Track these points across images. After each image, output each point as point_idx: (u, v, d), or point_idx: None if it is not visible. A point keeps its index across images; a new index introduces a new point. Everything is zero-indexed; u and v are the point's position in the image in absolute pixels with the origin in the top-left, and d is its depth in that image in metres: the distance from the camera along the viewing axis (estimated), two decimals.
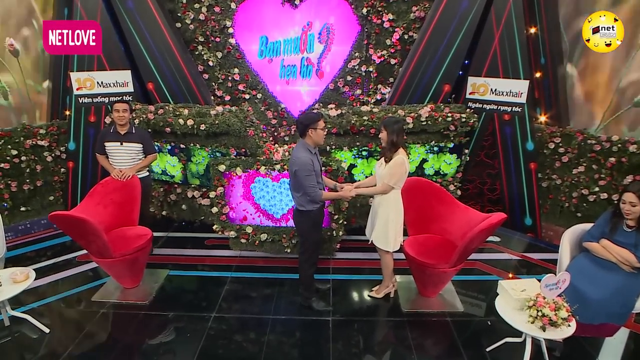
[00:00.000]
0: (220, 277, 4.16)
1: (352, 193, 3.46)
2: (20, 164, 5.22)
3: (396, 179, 3.34)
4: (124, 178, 4.08)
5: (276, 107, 5.78)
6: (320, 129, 3.22)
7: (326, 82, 5.68)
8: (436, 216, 3.90)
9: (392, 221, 3.45)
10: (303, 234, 3.48)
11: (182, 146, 4.81)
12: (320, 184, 3.40)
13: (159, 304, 3.74)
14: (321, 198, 3.28)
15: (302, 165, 3.16)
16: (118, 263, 3.65)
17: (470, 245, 3.32)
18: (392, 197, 3.44)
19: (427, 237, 3.87)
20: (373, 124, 4.57)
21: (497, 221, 3.24)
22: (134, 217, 4.06)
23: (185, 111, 4.63)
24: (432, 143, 4.83)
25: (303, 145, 3.25)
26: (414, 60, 5.05)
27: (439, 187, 3.95)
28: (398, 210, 3.46)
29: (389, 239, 3.49)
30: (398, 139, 3.33)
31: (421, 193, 3.90)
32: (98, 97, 5.25)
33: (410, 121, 4.56)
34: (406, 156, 3.40)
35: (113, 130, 4.18)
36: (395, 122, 3.34)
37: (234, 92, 5.70)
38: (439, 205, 3.90)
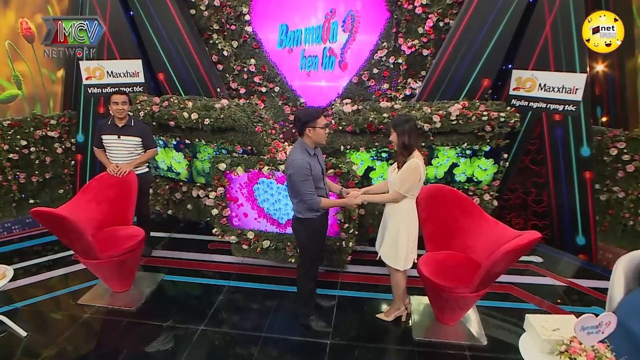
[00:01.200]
0: (217, 285, 4.01)
1: (357, 200, 3.19)
2: (30, 155, 5.33)
3: (408, 186, 3.02)
4: (121, 174, 4.01)
5: (295, 102, 5.58)
6: (320, 128, 2.98)
7: (350, 74, 5.41)
8: (459, 230, 3.54)
9: (404, 235, 3.14)
10: (301, 244, 3.27)
11: (187, 141, 4.71)
12: (323, 190, 3.16)
13: (146, 311, 3.63)
14: (320, 206, 3.04)
15: (297, 168, 2.94)
16: (105, 265, 3.57)
17: (493, 268, 2.94)
18: (404, 206, 3.13)
19: (447, 255, 3.52)
20: None
21: (528, 242, 2.84)
22: (128, 215, 3.98)
23: (190, 104, 4.50)
24: (464, 145, 4.44)
25: (301, 146, 3.02)
26: (449, 50, 4.67)
27: (465, 197, 3.58)
28: (411, 223, 3.15)
29: (398, 255, 3.18)
30: (410, 140, 3.01)
31: (442, 203, 3.55)
32: (108, 88, 5.26)
33: (437, 119, 4.20)
34: (422, 160, 3.08)
35: (111, 122, 4.12)
36: (405, 121, 3.02)
37: (250, 84, 5.55)
38: (463, 217, 3.54)
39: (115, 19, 5.05)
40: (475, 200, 4.63)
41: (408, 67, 5.22)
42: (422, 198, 3.47)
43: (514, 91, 4.79)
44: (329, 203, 3.12)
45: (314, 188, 3.01)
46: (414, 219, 3.17)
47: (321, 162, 3.17)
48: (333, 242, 4.03)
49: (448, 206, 3.57)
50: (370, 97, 5.39)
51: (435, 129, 4.28)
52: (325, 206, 3.08)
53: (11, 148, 5.17)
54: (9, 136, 5.14)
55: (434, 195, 3.54)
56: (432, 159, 4.47)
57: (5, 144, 5.11)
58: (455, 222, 3.57)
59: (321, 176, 3.14)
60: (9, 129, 5.14)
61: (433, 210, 3.54)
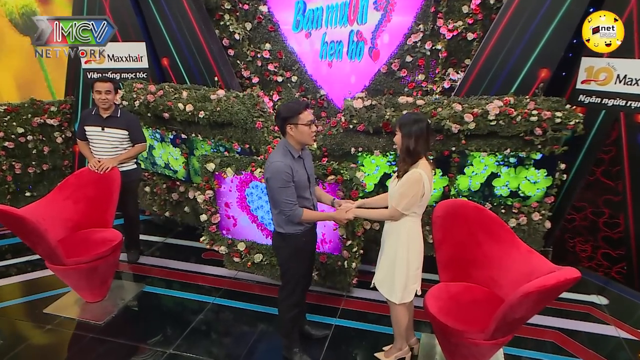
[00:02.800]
0: (200, 301, 3.93)
1: (349, 215, 2.97)
2: (27, 143, 5.52)
3: (407, 202, 2.75)
4: (102, 170, 4.01)
5: (315, 94, 5.38)
6: (303, 124, 2.79)
7: (381, 63, 5.13)
8: (483, 258, 3.21)
9: (402, 261, 2.88)
10: (282, 264, 3.10)
11: (183, 136, 4.65)
12: (308, 200, 2.98)
13: (114, 327, 3.60)
14: (301, 218, 2.85)
15: (274, 173, 2.77)
16: (71, 272, 3.57)
17: (511, 312, 2.59)
18: (404, 227, 2.86)
19: (465, 288, 3.20)
20: None
21: (556, 283, 2.47)
22: (107, 217, 3.97)
23: (185, 94, 4.44)
24: (507, 152, 4.04)
25: (283, 147, 2.86)
26: (497, 33, 4.28)
27: (494, 217, 3.23)
28: (412, 246, 2.88)
29: (395, 286, 2.92)
30: (417, 145, 2.74)
31: (464, 222, 3.23)
32: (108, 73, 5.33)
33: (470, 119, 3.85)
34: (429, 171, 2.79)
35: (95, 112, 4.13)
36: (414, 121, 2.75)
37: (264, 73, 5.42)
38: (489, 242, 3.20)
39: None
40: (521, 220, 4.23)
41: (448, 55, 4.86)
42: (439, 216, 3.21)
43: (583, 84, 4.29)
44: (312, 216, 2.93)
45: (295, 197, 2.84)
46: (416, 242, 2.89)
47: (308, 167, 2.99)
48: (334, 261, 3.81)
49: (471, 227, 3.25)
50: (402, 89, 5.08)
51: (468, 131, 3.92)
52: (308, 219, 2.90)
53: (7, 136, 5.37)
54: (5, 122, 5.34)
55: (453, 213, 3.24)
56: (464, 168, 4.13)
57: (1, 130, 5.31)
58: (479, 248, 3.24)
59: (307, 184, 2.95)
60: (5, 114, 5.34)
61: (451, 231, 3.24)
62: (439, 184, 4.19)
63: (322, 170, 3.56)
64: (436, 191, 4.23)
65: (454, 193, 4.22)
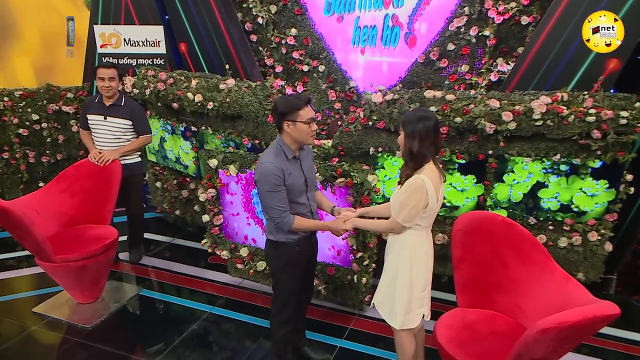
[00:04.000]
0: (197, 310, 3.95)
1: (347, 225, 2.88)
2: (41, 131, 5.76)
3: (407, 212, 2.60)
4: (102, 162, 4.09)
5: (343, 86, 5.27)
6: (302, 122, 2.71)
7: (419, 52, 4.94)
8: (509, 282, 3.02)
9: (404, 281, 2.73)
10: (274, 275, 3.05)
11: (193, 129, 4.68)
12: (304, 206, 2.90)
13: (101, 332, 3.66)
14: (291, 227, 2.79)
15: (262, 175, 2.71)
16: (60, 270, 3.66)
17: (527, 351, 2.38)
18: (407, 241, 2.72)
19: (485, 316, 3.00)
20: (446, 120, 3.75)
21: (583, 320, 2.24)
22: (105, 213, 4.05)
23: (194, 82, 4.45)
24: (557, 158, 3.77)
25: (277, 146, 2.80)
26: (556, 16, 3.97)
27: (526, 234, 3.02)
28: (416, 264, 2.73)
29: (395, 309, 2.78)
30: (422, 148, 2.58)
31: (489, 239, 3.04)
32: (124, 58, 5.46)
33: (509, 118, 3.61)
34: (436, 177, 2.63)
35: (98, 100, 4.22)
36: (419, 119, 2.60)
37: (289, 61, 5.36)
38: (517, 264, 3.00)
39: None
40: (574, 239, 3.93)
41: (498, 42, 4.58)
42: (459, 229, 3.06)
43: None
44: (305, 224, 2.84)
45: (285, 203, 2.77)
46: (420, 259, 2.74)
47: (307, 170, 2.90)
48: (343, 274, 3.70)
49: (496, 245, 3.05)
50: (441, 82, 4.87)
51: (507, 132, 3.68)
52: (299, 228, 2.83)
53: (21, 122, 5.63)
54: (20, 109, 5.59)
55: (476, 227, 3.06)
56: (503, 174, 3.89)
57: (16, 117, 5.57)
58: (505, 270, 3.04)
59: (303, 188, 2.88)
60: (20, 100, 5.59)
61: (473, 249, 3.06)
62: (472, 192, 3.98)
63: (331, 172, 3.46)
64: (469, 201, 4.02)
65: (491, 204, 3.99)
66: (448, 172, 4.00)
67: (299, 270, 2.98)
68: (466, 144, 3.84)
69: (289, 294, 2.99)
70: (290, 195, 2.79)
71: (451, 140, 3.87)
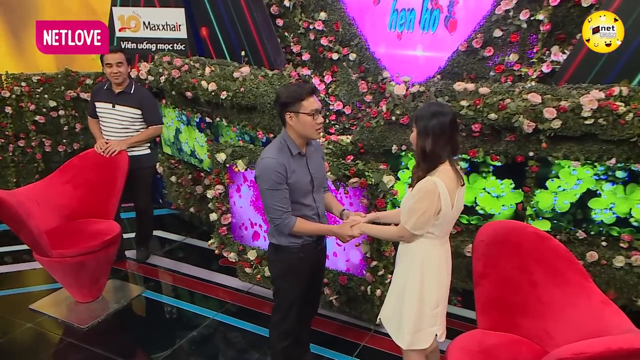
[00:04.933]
0: (200, 315, 3.98)
1: (354, 231, 2.82)
2: (59, 119, 5.97)
3: (416, 219, 2.52)
4: (109, 153, 4.18)
5: (376, 76, 5.19)
6: (305, 114, 2.69)
7: (461, 38, 4.80)
8: (537, 304, 2.88)
9: (413, 296, 2.66)
10: (274, 282, 3.06)
11: (208, 120, 4.72)
12: (309, 208, 2.87)
13: (95, 334, 3.75)
14: (292, 229, 2.76)
15: (263, 171, 2.72)
16: (56, 266, 3.77)
17: None
18: (417, 251, 2.64)
19: (507, 340, 2.88)
20: (479, 116, 3.61)
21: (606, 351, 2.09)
22: (109, 207, 4.15)
23: (207, 70, 4.48)
24: (612, 163, 3.57)
25: (279, 141, 2.80)
26: None
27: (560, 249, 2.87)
28: (427, 278, 2.65)
29: (402, 326, 2.71)
30: (435, 146, 2.50)
31: (516, 253, 2.92)
32: (143, 43, 5.58)
33: (552, 115, 3.43)
34: (451, 181, 2.54)
35: (107, 87, 4.32)
36: (433, 114, 2.51)
37: (318, 48, 5.32)
38: (548, 283, 2.86)
39: None
40: (633, 259, 3.70)
41: (553, 28, 4.38)
42: (482, 240, 2.95)
43: None
44: (308, 228, 2.82)
45: (287, 203, 2.76)
46: (432, 272, 2.65)
47: (314, 167, 2.87)
48: (356, 284, 3.63)
49: (525, 260, 2.92)
50: (486, 73, 4.70)
51: (551, 131, 3.51)
52: (301, 231, 2.80)
53: (38, 109, 5.85)
54: (37, 94, 5.79)
55: (503, 239, 2.94)
56: (546, 180, 3.72)
57: (33, 103, 5.79)
58: (533, 290, 2.90)
59: (309, 188, 2.85)
60: (37, 85, 5.81)
61: (497, 263, 2.94)
62: (509, 199, 3.82)
63: (344, 171, 3.40)
64: (505, 209, 3.87)
65: (531, 213, 3.82)
66: (481, 176, 3.87)
67: (302, 278, 2.95)
68: (503, 144, 3.70)
69: (290, 303, 2.97)
70: (294, 195, 2.77)
71: (485, 139, 3.73)
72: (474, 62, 4.74)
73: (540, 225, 3.79)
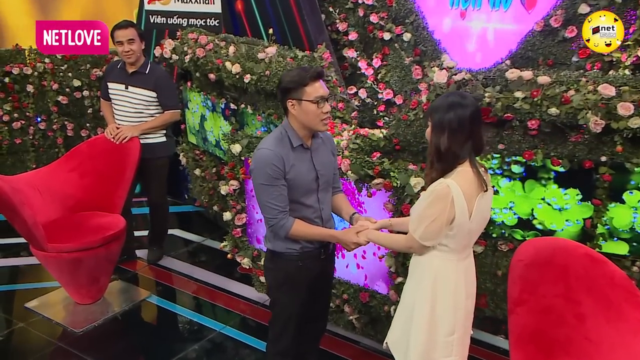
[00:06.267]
0: (205, 328, 4.09)
1: (360, 238, 2.81)
2: (83, 100, 6.29)
3: (425, 226, 2.48)
4: (119, 139, 4.35)
5: (433, 59, 5.09)
6: (309, 101, 2.71)
7: (538, 16, 4.67)
8: (583, 341, 2.81)
9: (422, 318, 2.61)
10: (270, 293, 3.14)
11: (233, 106, 4.81)
12: (311, 209, 2.88)
13: (89, 340, 3.91)
14: (288, 232, 2.79)
15: (257, 164, 2.77)
16: (52, 261, 3.96)
17: None
18: (429, 266, 2.60)
19: None
20: (537, 111, 3.48)
21: None
22: (115, 199, 4.32)
23: (231, 49, 4.56)
24: None
25: (280, 131, 2.84)
26: None
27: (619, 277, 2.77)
28: (441, 298, 2.60)
29: (409, 352, 2.68)
30: (452, 144, 2.44)
31: (561, 278, 2.86)
32: (174, 17, 5.76)
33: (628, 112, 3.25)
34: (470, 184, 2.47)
35: (121, 66, 4.50)
36: (450, 105, 2.46)
37: (367, 26, 5.30)
38: (599, 317, 2.78)
39: None
40: None
41: None
42: (521, 260, 2.91)
43: None
44: (305, 231, 2.83)
45: (284, 201, 2.78)
46: (448, 292, 2.59)
47: (320, 163, 2.88)
48: (379, 303, 3.61)
49: (572, 287, 2.86)
50: (567, 58, 4.56)
51: (628, 131, 3.32)
52: (299, 234, 2.81)
53: (61, 89, 6.19)
54: (61, 72, 6.12)
55: (546, 260, 2.88)
56: (622, 192, 3.54)
57: (56, 82, 6.13)
58: (580, 324, 2.83)
59: (313, 186, 2.87)
60: (62, 62, 6.13)
61: (537, 289, 2.88)
62: (575, 213, 3.66)
63: (367, 169, 3.37)
64: (570, 224, 3.70)
65: (603, 232, 3.64)
66: (540, 183, 3.73)
67: (300, 290, 2.96)
68: (568, 145, 3.54)
69: (286, 319, 3.00)
70: (293, 194, 2.79)
71: (545, 139, 3.58)
72: (552, 44, 4.63)
73: (615, 248, 3.62)
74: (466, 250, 2.62)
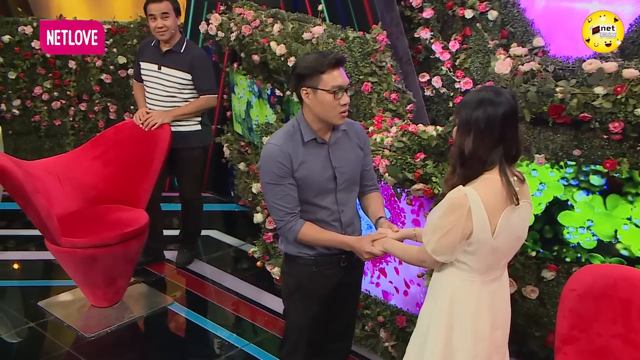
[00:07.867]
0: (226, 343, 4.23)
1: (375, 248, 2.86)
2: (127, 79, 6.64)
3: (437, 239, 2.51)
4: (149, 126, 4.58)
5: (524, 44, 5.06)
6: (325, 91, 2.79)
7: None
8: None
9: (435, 345, 2.67)
10: (284, 301, 3.28)
11: (278, 93, 4.95)
12: (326, 211, 2.98)
13: (99, 347, 4.14)
14: (297, 236, 2.90)
15: (263, 161, 2.90)
16: (66, 257, 4.24)
17: None
18: (446, 285, 2.65)
19: None
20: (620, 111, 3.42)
21: None
22: (140, 192, 4.55)
23: (276, 28, 4.69)
24: None
25: (294, 123, 2.96)
26: None
27: None
28: (459, 322, 2.64)
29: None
30: (479, 148, 2.46)
31: (620, 313, 2.86)
32: None
33: None
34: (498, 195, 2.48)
35: (154, 44, 4.73)
36: (479, 102, 2.47)
37: (446, 3, 5.32)
38: None
39: None
40: None
41: None
42: (573, 289, 2.94)
43: None
44: (315, 236, 2.92)
45: (293, 202, 2.89)
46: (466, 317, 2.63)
47: (339, 161, 2.96)
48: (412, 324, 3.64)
49: (634, 326, 2.85)
50: None
51: None
52: (308, 239, 2.92)
53: (105, 66, 6.58)
54: (106, 48, 6.46)
55: (604, 291, 2.89)
56: None
57: (99, 58, 6.52)
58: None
59: (331, 186, 2.96)
60: (108, 36, 6.43)
61: (592, 326, 2.91)
62: None
63: (407, 172, 3.44)
64: None
65: None
66: (626, 199, 3.65)
67: (313, 300, 3.05)
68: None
69: (299, 332, 3.11)
70: (305, 194, 2.89)
71: (631, 145, 3.50)
72: None
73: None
74: (492, 271, 2.62)
